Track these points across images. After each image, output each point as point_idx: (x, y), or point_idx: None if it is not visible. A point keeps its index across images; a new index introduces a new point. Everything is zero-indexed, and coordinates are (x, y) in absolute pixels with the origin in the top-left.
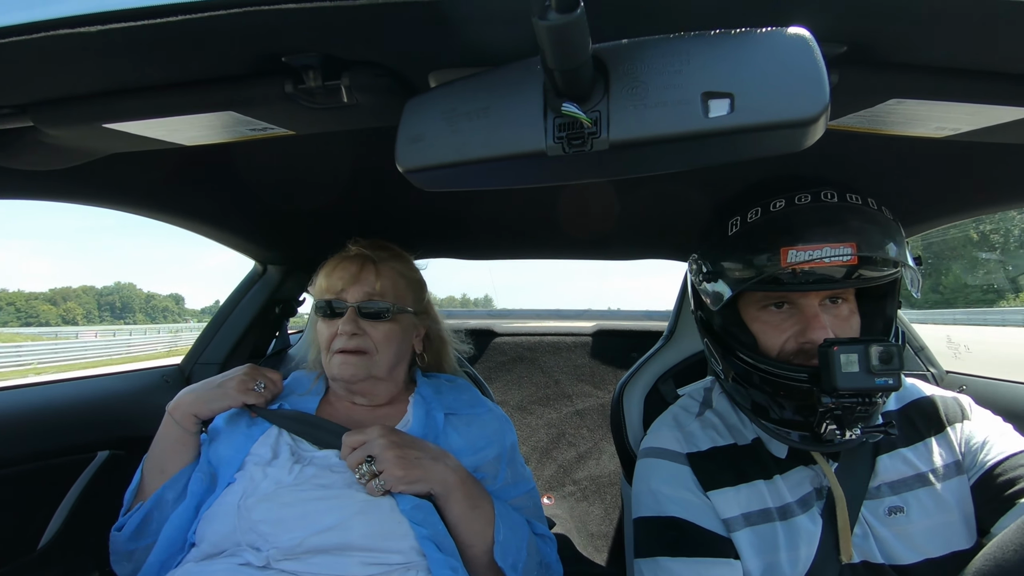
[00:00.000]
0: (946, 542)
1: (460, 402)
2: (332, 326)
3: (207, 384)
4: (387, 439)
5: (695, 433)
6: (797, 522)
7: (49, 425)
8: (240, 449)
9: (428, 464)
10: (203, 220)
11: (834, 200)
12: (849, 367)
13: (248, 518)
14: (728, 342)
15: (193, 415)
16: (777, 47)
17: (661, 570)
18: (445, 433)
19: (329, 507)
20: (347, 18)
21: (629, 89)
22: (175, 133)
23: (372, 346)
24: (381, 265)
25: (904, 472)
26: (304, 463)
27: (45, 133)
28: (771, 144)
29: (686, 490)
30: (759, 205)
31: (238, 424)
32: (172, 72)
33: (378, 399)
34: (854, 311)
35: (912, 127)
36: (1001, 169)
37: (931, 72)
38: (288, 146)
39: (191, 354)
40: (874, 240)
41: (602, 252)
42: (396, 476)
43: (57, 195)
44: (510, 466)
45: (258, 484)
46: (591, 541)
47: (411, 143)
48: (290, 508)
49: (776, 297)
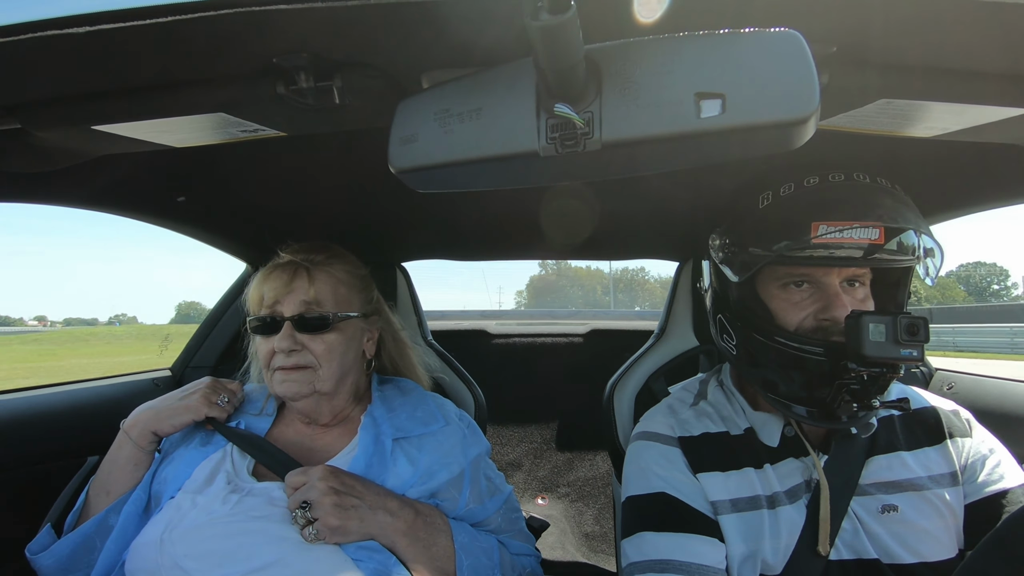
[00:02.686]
0: (941, 547)
1: (414, 421)
2: (269, 342)
3: (168, 399)
4: (326, 483)
5: (688, 420)
6: (783, 512)
7: (40, 431)
8: (189, 468)
9: (366, 514)
10: (193, 222)
11: (866, 181)
12: (877, 336)
13: (171, 553)
14: (747, 318)
15: (152, 432)
16: (768, 48)
17: (644, 544)
18: (394, 461)
19: (264, 542)
20: (338, 19)
21: (621, 89)
22: (165, 135)
23: (314, 360)
24: (316, 271)
25: (899, 474)
26: (242, 492)
27: (33, 135)
28: (762, 144)
29: (676, 470)
30: (792, 181)
31: (191, 441)
32: (162, 74)
33: (324, 417)
34: (869, 296)
35: (901, 127)
36: (987, 168)
37: (919, 73)
38: (279, 147)
39: (182, 358)
40: (904, 219)
41: (595, 252)
42: (330, 526)
43: (45, 198)
44: (473, 484)
45: (185, 514)
46: (585, 541)
47: (403, 144)
48: (220, 542)
49: (798, 274)
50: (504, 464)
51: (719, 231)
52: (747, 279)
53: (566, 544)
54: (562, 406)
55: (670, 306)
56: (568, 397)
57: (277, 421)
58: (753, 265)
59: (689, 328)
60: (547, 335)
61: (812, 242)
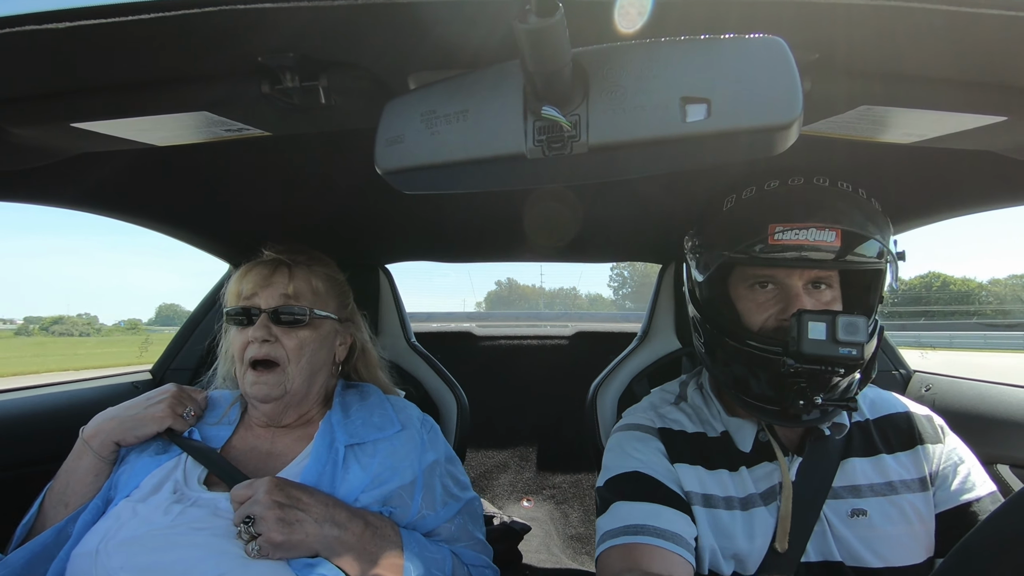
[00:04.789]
0: (908, 553)
1: (369, 427)
2: (244, 334)
3: (131, 407)
4: (270, 497)
5: (669, 414)
6: (757, 513)
7: (15, 435)
8: (140, 476)
9: (311, 528)
10: (174, 222)
11: (825, 184)
12: (816, 334)
13: (106, 565)
14: (714, 318)
15: (115, 442)
16: (753, 54)
17: (618, 511)
18: (345, 467)
19: (206, 556)
20: (325, 19)
21: (608, 93)
22: (147, 133)
23: (284, 356)
24: (296, 268)
25: (870, 478)
26: (187, 503)
27: (9, 132)
28: (746, 148)
29: (653, 454)
30: (754, 184)
31: (147, 448)
32: (145, 71)
33: (285, 420)
34: (837, 298)
35: (881, 133)
36: (964, 174)
37: (897, 81)
38: (264, 147)
39: (162, 360)
40: (860, 225)
41: (579, 255)
42: (274, 542)
43: (22, 196)
44: (427, 492)
45: (124, 524)
46: (569, 543)
47: (390, 145)
48: (159, 555)
49: (762, 275)
50: (490, 466)
51: (691, 233)
52: (719, 279)
53: (551, 546)
54: (547, 408)
55: (653, 308)
56: (553, 399)
57: (238, 428)
58: (712, 264)
59: (672, 330)
60: (532, 337)
61: (769, 243)
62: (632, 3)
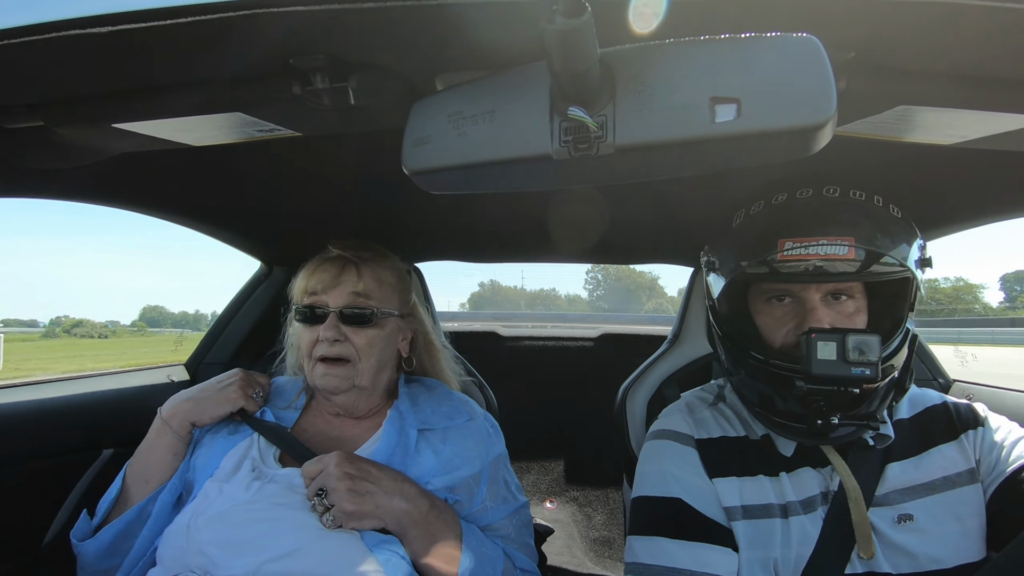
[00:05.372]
0: (956, 552)
1: (438, 415)
2: (313, 332)
3: (205, 390)
4: (341, 470)
5: (707, 420)
6: (797, 522)
7: (56, 423)
8: (217, 457)
9: (381, 498)
10: (210, 220)
11: (835, 195)
12: (826, 354)
13: (196, 540)
14: (734, 334)
15: (191, 422)
16: (785, 53)
17: (658, 550)
18: (417, 451)
19: (285, 530)
20: (354, 21)
21: (635, 93)
22: (183, 133)
23: (354, 353)
24: (363, 267)
25: (915, 479)
26: (265, 480)
27: (55, 132)
28: (778, 149)
29: (693, 473)
30: (762, 198)
31: (220, 430)
32: (182, 73)
33: (358, 411)
34: (861, 309)
35: (920, 134)
36: (1010, 177)
37: (938, 79)
38: (295, 147)
39: (196, 354)
40: (871, 235)
41: (607, 255)
42: (346, 512)
43: (66, 194)
44: (491, 484)
45: (211, 502)
46: (592, 547)
47: (417, 145)
48: (242, 529)
49: (778, 290)
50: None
51: (705, 249)
52: (737, 294)
53: (574, 549)
54: (572, 410)
55: (684, 312)
56: (578, 401)
57: (305, 413)
58: (726, 279)
59: (703, 334)
60: (557, 338)
61: (778, 258)
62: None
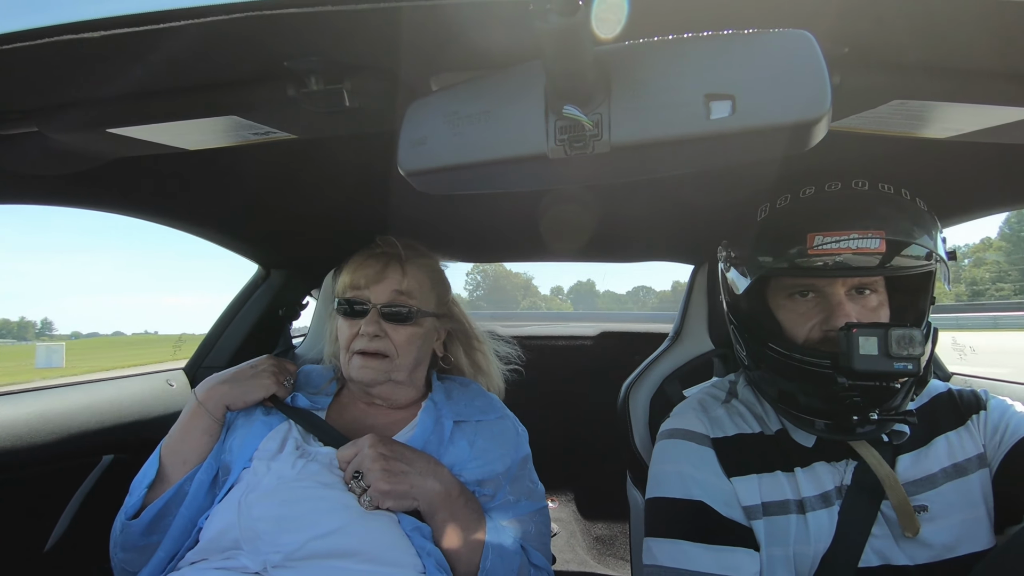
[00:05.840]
0: (969, 540)
1: (472, 408)
2: (353, 326)
3: (239, 374)
4: (375, 450)
5: (721, 419)
6: (814, 517)
7: (56, 429)
8: (255, 439)
9: (415, 479)
10: (206, 224)
11: (865, 188)
12: (868, 349)
13: (248, 515)
14: (755, 330)
15: (225, 405)
16: (778, 48)
17: (680, 553)
18: (452, 441)
19: (330, 508)
20: (349, 22)
21: (630, 91)
22: (179, 138)
23: (393, 349)
24: (407, 265)
25: (926, 469)
26: (308, 458)
27: (50, 138)
28: (773, 145)
29: (711, 473)
30: (788, 192)
31: (254, 413)
32: (176, 77)
33: (395, 403)
34: (884, 303)
35: (916, 128)
36: (1007, 170)
37: (933, 73)
38: (291, 150)
39: (195, 358)
40: (903, 229)
41: (608, 255)
42: (382, 491)
43: (62, 200)
44: (515, 482)
45: (260, 479)
46: (594, 545)
47: (413, 146)
48: (290, 507)
49: (802, 285)
50: None
51: (724, 244)
52: (756, 290)
53: (576, 548)
54: (572, 408)
55: (685, 309)
56: (578, 398)
57: (336, 401)
58: (750, 275)
59: (704, 331)
60: (557, 337)
61: (808, 253)
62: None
